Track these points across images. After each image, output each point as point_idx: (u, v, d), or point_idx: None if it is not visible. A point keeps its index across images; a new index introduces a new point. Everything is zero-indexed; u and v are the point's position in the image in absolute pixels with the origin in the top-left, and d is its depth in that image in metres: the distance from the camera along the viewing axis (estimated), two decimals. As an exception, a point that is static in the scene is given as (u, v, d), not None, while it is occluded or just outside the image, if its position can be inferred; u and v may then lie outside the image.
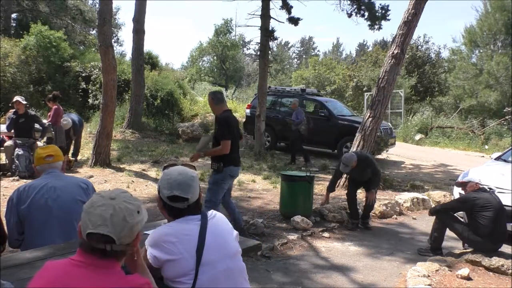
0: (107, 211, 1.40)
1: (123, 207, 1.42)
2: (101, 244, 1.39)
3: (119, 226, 1.40)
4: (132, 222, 1.43)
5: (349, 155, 5.82)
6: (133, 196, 1.52)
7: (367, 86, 23.46)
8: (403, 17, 7.77)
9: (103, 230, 1.38)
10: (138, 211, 1.47)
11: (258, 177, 8.45)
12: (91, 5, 26.60)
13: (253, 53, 32.11)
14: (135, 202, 1.48)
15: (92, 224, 1.39)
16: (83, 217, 1.42)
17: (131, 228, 1.43)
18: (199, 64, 40.39)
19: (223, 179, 4.54)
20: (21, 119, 7.56)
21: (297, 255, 4.72)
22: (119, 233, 1.40)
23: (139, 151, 10.39)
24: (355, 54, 56.95)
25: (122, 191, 1.51)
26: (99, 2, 8.73)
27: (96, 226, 1.39)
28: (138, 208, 1.47)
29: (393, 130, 12.60)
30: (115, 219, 1.40)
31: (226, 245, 1.95)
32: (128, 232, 1.43)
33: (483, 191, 4.71)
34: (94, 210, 1.41)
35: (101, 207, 1.41)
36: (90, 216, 1.41)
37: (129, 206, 1.44)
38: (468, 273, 3.98)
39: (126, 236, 1.43)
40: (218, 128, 4.47)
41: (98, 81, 14.63)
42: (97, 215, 1.40)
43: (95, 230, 1.39)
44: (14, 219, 2.64)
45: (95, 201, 1.44)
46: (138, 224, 1.46)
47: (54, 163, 2.82)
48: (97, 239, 1.39)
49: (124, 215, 1.41)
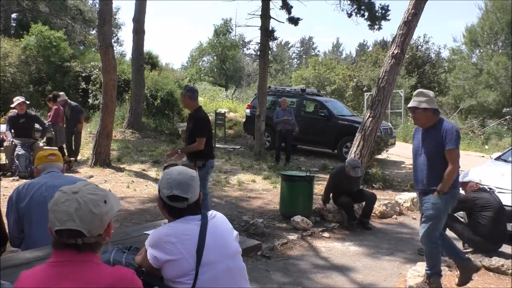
0: (71, 205, 1.38)
1: (87, 200, 1.41)
2: (72, 239, 1.37)
3: (87, 219, 1.39)
4: (100, 213, 1.42)
5: (351, 159, 6.12)
6: (99, 187, 1.51)
7: (367, 86, 23.45)
8: (403, 17, 7.77)
9: (70, 225, 1.37)
10: (104, 200, 1.45)
11: (258, 177, 8.45)
12: (91, 5, 26.60)
13: (253, 53, 32.14)
14: (100, 192, 1.47)
15: (58, 221, 1.38)
16: (50, 216, 1.40)
17: (100, 219, 1.42)
18: (199, 64, 40.39)
19: (207, 172, 4.90)
20: (21, 119, 7.55)
21: (297, 255, 4.72)
22: (87, 225, 1.39)
23: (139, 151, 10.39)
24: (355, 54, 56.97)
25: (86, 184, 1.50)
26: (99, 2, 8.74)
27: (63, 222, 1.37)
28: (104, 197, 1.46)
29: (393, 130, 12.59)
30: (81, 212, 1.38)
31: (226, 245, 1.95)
32: (98, 223, 1.42)
33: (483, 191, 4.72)
34: (58, 208, 1.39)
35: (64, 203, 1.39)
36: (55, 214, 1.39)
37: (94, 197, 1.43)
38: (468, 273, 3.98)
39: (96, 227, 1.41)
40: (196, 125, 4.68)
41: (98, 81, 14.63)
42: (62, 211, 1.38)
43: (63, 227, 1.37)
44: (14, 216, 2.67)
45: (58, 198, 1.42)
46: (107, 214, 1.45)
47: (55, 162, 2.87)
48: (67, 235, 1.38)
49: (89, 208, 1.40)
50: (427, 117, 3.58)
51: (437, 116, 3.60)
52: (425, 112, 3.56)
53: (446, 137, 3.47)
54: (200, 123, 4.72)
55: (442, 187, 3.50)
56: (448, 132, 3.48)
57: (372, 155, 8.34)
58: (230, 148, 12.55)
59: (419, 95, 3.61)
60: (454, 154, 3.48)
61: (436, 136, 3.53)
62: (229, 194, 7.14)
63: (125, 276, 1.43)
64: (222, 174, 8.61)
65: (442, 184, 3.50)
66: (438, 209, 3.56)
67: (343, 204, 5.86)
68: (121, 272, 1.45)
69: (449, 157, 3.48)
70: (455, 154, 3.49)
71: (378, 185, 7.87)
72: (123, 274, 1.43)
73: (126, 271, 1.46)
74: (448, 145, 3.47)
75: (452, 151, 3.47)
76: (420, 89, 3.77)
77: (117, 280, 1.39)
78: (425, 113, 3.56)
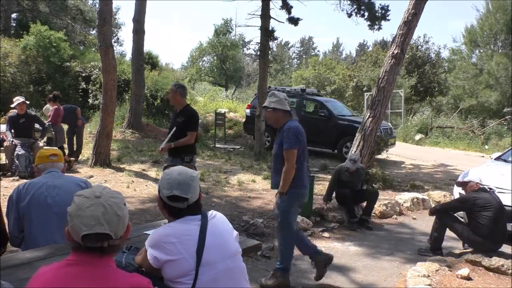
0: (97, 210, 1.40)
1: (111, 203, 1.43)
2: (98, 243, 1.39)
3: (113, 222, 1.41)
4: (123, 215, 1.46)
5: (353, 154, 6.22)
6: (114, 190, 1.53)
7: (367, 86, 23.45)
8: (403, 17, 7.77)
9: (99, 229, 1.39)
10: (124, 203, 1.49)
11: (258, 177, 8.45)
12: (91, 5, 26.62)
13: (253, 53, 32.12)
14: (118, 195, 1.50)
15: (85, 226, 1.39)
16: (73, 221, 1.41)
17: (123, 221, 1.46)
18: (199, 64, 40.36)
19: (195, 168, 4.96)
20: (21, 119, 7.55)
21: (297, 255, 4.70)
22: (114, 228, 1.42)
23: (139, 151, 10.39)
24: (355, 54, 56.99)
25: (103, 187, 1.51)
26: (99, 2, 8.73)
27: (91, 227, 1.38)
28: (123, 200, 1.50)
29: (393, 130, 12.59)
30: (107, 216, 1.40)
31: (226, 245, 1.95)
32: (122, 225, 1.46)
33: (483, 191, 4.71)
34: (83, 213, 1.40)
35: (89, 207, 1.41)
36: (81, 219, 1.39)
37: (116, 200, 1.46)
38: (468, 273, 3.98)
39: (120, 229, 1.45)
40: (187, 120, 4.78)
41: (98, 81, 14.64)
42: (89, 216, 1.39)
43: (91, 231, 1.38)
44: (14, 216, 2.67)
45: (81, 203, 1.42)
46: (127, 216, 1.50)
47: (56, 162, 2.87)
48: (95, 239, 1.39)
49: (114, 211, 1.43)
50: (276, 118, 3.70)
51: (287, 117, 3.69)
52: (275, 112, 3.69)
53: (283, 137, 3.58)
54: (195, 118, 4.86)
55: (281, 187, 3.62)
56: (285, 133, 3.58)
57: (372, 155, 8.33)
58: (230, 148, 12.55)
59: (271, 96, 3.75)
60: (288, 154, 3.56)
61: (279, 138, 3.66)
62: (229, 194, 7.14)
63: (140, 283, 1.45)
64: (222, 174, 8.61)
65: (281, 185, 3.61)
66: (282, 209, 3.68)
67: (344, 196, 5.91)
68: (137, 279, 1.47)
69: (285, 157, 3.57)
70: (288, 154, 3.55)
71: (378, 185, 7.86)
72: (138, 282, 1.46)
73: (142, 279, 1.48)
74: (284, 144, 3.57)
75: (287, 151, 3.56)
76: (273, 91, 3.91)
77: (132, 287, 1.42)
78: (275, 113, 3.69)
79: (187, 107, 4.95)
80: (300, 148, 3.61)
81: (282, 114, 3.68)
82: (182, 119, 4.78)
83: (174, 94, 4.83)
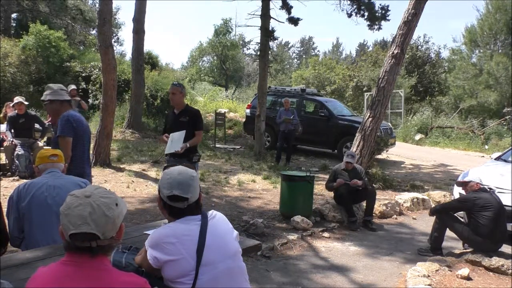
0: (85, 209, 1.40)
1: (100, 203, 1.42)
2: (86, 242, 1.39)
3: (101, 222, 1.40)
4: (113, 215, 1.44)
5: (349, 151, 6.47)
6: (108, 190, 1.53)
7: (367, 86, 23.44)
8: (403, 17, 7.77)
9: (85, 228, 1.38)
10: (116, 203, 1.47)
11: (258, 177, 8.45)
12: (91, 5, 26.59)
13: (253, 53, 32.07)
14: (111, 195, 1.49)
15: (72, 225, 1.39)
16: (62, 220, 1.42)
17: (113, 221, 1.44)
18: (199, 64, 40.36)
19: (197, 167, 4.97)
20: (21, 119, 7.55)
21: (297, 255, 4.72)
22: (102, 228, 1.41)
23: (139, 151, 10.38)
24: (355, 54, 56.95)
25: (96, 187, 1.51)
26: (99, 2, 8.73)
27: (77, 226, 1.38)
28: (115, 201, 1.48)
29: (393, 130, 12.60)
30: (95, 216, 1.40)
31: (226, 245, 1.95)
32: (111, 226, 1.44)
33: (483, 191, 4.71)
34: (71, 212, 1.41)
35: (78, 207, 1.41)
36: (69, 218, 1.40)
37: (106, 200, 1.45)
38: (468, 273, 3.98)
39: (110, 229, 1.44)
40: (196, 120, 4.78)
41: (98, 81, 14.62)
42: (76, 215, 1.39)
43: (77, 230, 1.38)
44: (14, 216, 2.68)
45: (71, 203, 1.43)
46: (119, 216, 1.47)
47: (57, 163, 2.88)
48: (81, 238, 1.39)
49: (103, 211, 1.41)
50: (55, 109, 3.69)
51: (67, 107, 3.69)
52: (52, 104, 3.67)
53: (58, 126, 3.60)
54: (200, 117, 4.86)
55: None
56: (60, 121, 3.60)
57: (372, 155, 8.33)
58: (230, 148, 12.55)
59: (46, 89, 3.76)
60: (60, 142, 3.58)
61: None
62: (229, 194, 7.14)
63: (136, 283, 1.45)
64: (222, 174, 8.61)
65: None
66: None
67: (341, 195, 5.91)
68: (133, 279, 1.47)
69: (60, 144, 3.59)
70: (61, 142, 3.57)
71: (378, 185, 7.87)
72: (134, 281, 1.45)
73: (138, 279, 1.48)
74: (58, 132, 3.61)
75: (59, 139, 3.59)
76: (48, 84, 3.88)
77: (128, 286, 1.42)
78: (52, 104, 3.68)
79: (188, 106, 4.93)
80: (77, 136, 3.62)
81: (59, 104, 3.68)
82: (187, 118, 4.72)
83: (181, 95, 4.75)
